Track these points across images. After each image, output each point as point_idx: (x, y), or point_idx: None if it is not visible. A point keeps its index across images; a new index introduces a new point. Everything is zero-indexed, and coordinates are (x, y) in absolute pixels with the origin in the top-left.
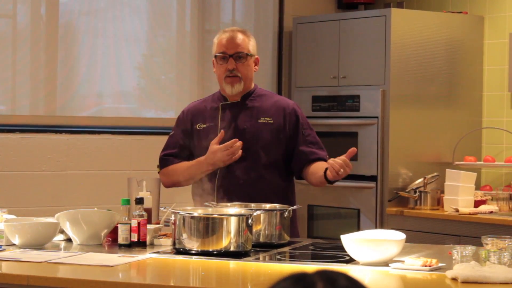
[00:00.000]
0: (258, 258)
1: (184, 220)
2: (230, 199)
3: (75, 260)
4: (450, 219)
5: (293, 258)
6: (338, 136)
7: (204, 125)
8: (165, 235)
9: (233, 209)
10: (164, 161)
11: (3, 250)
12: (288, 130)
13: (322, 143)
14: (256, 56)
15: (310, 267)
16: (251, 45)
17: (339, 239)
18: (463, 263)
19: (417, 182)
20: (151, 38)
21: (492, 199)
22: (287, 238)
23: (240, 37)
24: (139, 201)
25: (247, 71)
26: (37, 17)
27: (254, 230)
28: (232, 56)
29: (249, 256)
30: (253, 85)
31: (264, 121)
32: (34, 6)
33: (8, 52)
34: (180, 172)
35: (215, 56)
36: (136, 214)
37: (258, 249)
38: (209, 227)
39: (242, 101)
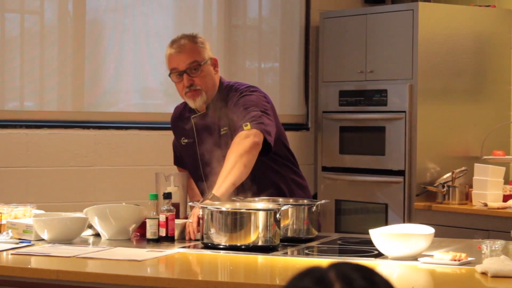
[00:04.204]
0: (286, 253)
1: (212, 214)
2: None
3: (104, 255)
4: (479, 214)
5: (321, 252)
6: (366, 131)
7: (186, 140)
8: None
9: (261, 203)
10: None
11: (32, 245)
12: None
13: (251, 104)
14: (213, 57)
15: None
16: (203, 50)
17: (367, 234)
18: (492, 257)
19: (445, 176)
20: (178, 34)
21: None
22: (315, 232)
23: (188, 46)
24: (167, 196)
25: (205, 81)
26: (65, 13)
27: (282, 224)
28: (185, 72)
29: (277, 250)
30: (217, 87)
31: (224, 132)
32: (62, 3)
33: (36, 49)
34: None
35: (169, 74)
36: (164, 209)
37: (286, 243)
38: (237, 221)
39: (207, 111)
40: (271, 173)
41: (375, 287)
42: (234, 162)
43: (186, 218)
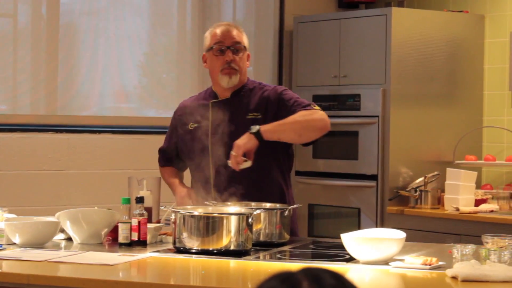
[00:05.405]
0: (258, 257)
1: (184, 219)
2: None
3: (76, 259)
4: (451, 218)
5: (293, 257)
6: (339, 135)
7: (195, 125)
8: (165, 234)
9: (233, 208)
10: (159, 158)
11: (4, 249)
12: (276, 118)
13: (306, 100)
14: (248, 53)
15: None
16: (246, 40)
17: (340, 238)
18: (463, 261)
19: (417, 181)
20: (152, 37)
21: (492, 198)
22: (287, 237)
23: (235, 30)
24: (140, 200)
25: (243, 64)
26: (38, 16)
27: (254, 229)
28: (230, 48)
29: (249, 255)
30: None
31: (253, 116)
32: (35, 6)
33: (9, 52)
34: (164, 179)
35: (211, 48)
36: (137, 213)
37: (258, 248)
38: (209, 226)
39: (232, 98)
40: (279, 176)
41: (344, 286)
42: (297, 126)
43: (158, 222)
